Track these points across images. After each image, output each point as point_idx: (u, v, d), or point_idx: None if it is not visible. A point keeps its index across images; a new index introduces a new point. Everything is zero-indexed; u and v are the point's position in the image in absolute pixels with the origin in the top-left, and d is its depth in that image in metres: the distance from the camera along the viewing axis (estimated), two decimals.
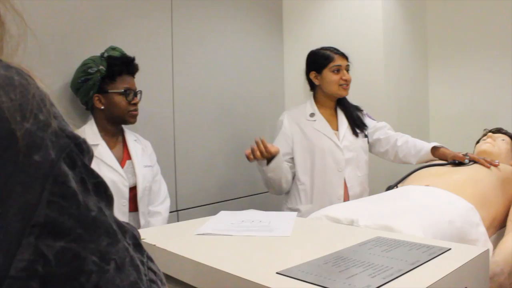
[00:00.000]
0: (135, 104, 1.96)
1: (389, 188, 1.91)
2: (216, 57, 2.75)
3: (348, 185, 2.27)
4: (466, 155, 1.94)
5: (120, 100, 1.91)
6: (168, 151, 2.45)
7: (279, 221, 1.29)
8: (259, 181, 3.05)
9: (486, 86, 3.36)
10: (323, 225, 1.30)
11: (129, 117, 1.95)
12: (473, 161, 1.88)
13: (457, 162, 1.93)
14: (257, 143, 2.12)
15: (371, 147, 2.43)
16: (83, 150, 0.37)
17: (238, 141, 2.90)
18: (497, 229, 1.62)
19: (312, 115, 2.37)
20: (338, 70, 2.31)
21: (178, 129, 2.50)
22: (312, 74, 2.38)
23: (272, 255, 0.97)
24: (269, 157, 2.16)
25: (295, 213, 1.41)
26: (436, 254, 0.92)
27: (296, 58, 3.29)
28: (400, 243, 1.01)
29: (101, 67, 1.86)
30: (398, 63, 3.12)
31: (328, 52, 2.35)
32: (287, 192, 2.41)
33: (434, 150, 2.14)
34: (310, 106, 2.41)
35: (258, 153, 2.11)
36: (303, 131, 2.34)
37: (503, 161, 1.92)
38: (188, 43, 2.58)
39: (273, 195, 2.81)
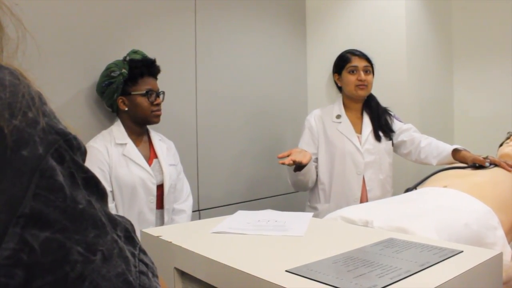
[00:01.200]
0: (158, 105, 2.01)
1: (408, 190, 1.90)
2: (239, 58, 2.78)
3: (368, 188, 2.31)
4: (486, 158, 1.92)
5: (143, 101, 1.96)
6: (191, 151, 2.49)
7: (294, 221, 1.31)
8: (280, 182, 3.08)
9: (511, 89, 3.30)
10: (338, 225, 1.32)
11: (153, 117, 2.00)
12: (494, 164, 1.87)
13: (478, 165, 1.92)
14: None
15: (396, 148, 2.45)
16: (72, 146, 0.39)
17: (260, 142, 2.93)
18: None
19: (338, 116, 2.41)
20: (354, 71, 2.35)
21: (200, 129, 2.54)
22: (336, 76, 2.46)
23: (283, 253, 0.99)
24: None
25: (311, 213, 1.43)
26: (447, 256, 0.92)
27: (319, 59, 3.30)
28: (412, 244, 1.02)
29: (123, 70, 1.92)
30: (422, 63, 3.10)
31: (346, 54, 2.42)
32: (310, 190, 2.46)
33: (455, 152, 2.14)
34: (338, 107, 2.45)
35: (291, 162, 2.12)
36: (327, 133, 2.39)
37: None
38: (211, 44, 2.62)
39: (294, 197, 2.83)
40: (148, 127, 2.09)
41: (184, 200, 2.14)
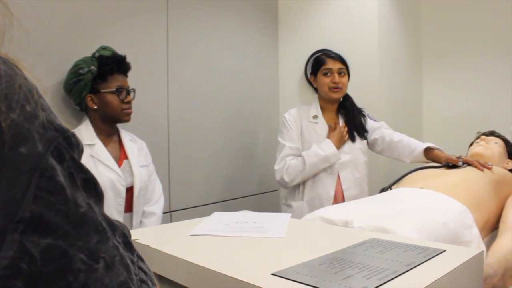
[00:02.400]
0: (129, 103, 1.95)
1: (383, 190, 1.91)
2: (211, 57, 2.75)
3: (343, 187, 2.33)
4: (460, 157, 1.95)
5: (113, 99, 1.90)
6: (162, 151, 2.44)
7: (273, 222, 1.29)
8: (253, 182, 3.06)
9: (479, 88, 3.38)
10: (318, 226, 1.30)
11: (123, 116, 1.94)
12: (467, 163, 1.89)
13: (451, 165, 1.94)
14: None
15: (370, 147, 2.48)
16: (72, 144, 0.36)
17: (232, 142, 2.90)
18: (490, 231, 1.62)
19: (315, 117, 2.44)
20: (328, 73, 2.37)
21: (172, 128, 2.49)
22: (312, 78, 2.49)
23: (266, 256, 0.97)
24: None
25: (289, 214, 1.41)
26: (431, 256, 0.92)
27: (291, 59, 3.30)
28: (395, 244, 1.01)
29: (92, 67, 1.86)
30: (393, 64, 3.13)
31: (321, 56, 2.44)
32: (289, 188, 2.49)
33: (428, 151, 2.18)
34: (314, 108, 2.48)
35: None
36: (304, 132, 2.42)
37: (496, 164, 1.93)
38: (184, 42, 2.57)
39: (267, 197, 2.82)
40: (119, 126, 2.03)
41: (155, 202, 2.08)
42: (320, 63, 2.40)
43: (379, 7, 2.94)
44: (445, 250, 0.96)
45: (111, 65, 1.90)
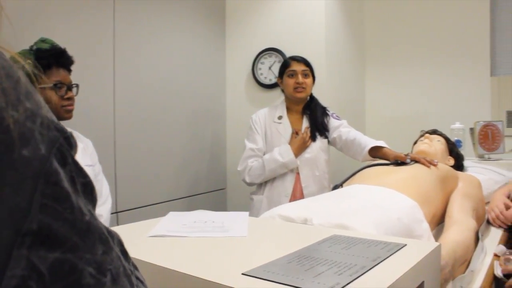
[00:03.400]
0: (69, 99, 1.84)
1: (335, 187, 1.94)
2: (158, 54, 2.70)
3: (303, 184, 2.45)
4: (407, 155, 2.03)
5: (51, 95, 1.78)
6: (108, 150, 2.37)
7: (233, 221, 1.28)
8: (199, 181, 3.03)
9: (420, 89, 3.53)
10: (277, 224, 1.30)
11: (63, 113, 1.83)
12: (414, 160, 1.96)
13: (399, 162, 2.01)
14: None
15: (331, 145, 2.60)
16: (71, 145, 0.33)
17: (179, 139, 2.86)
18: (436, 225, 1.69)
19: (280, 117, 2.54)
20: (293, 74, 2.47)
21: (119, 126, 2.42)
22: (279, 80, 2.58)
23: (233, 255, 0.95)
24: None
25: (247, 213, 1.40)
26: (394, 250, 0.94)
27: (238, 58, 3.30)
28: (357, 240, 1.03)
29: (28, 61, 1.75)
30: (338, 64, 3.20)
31: (287, 59, 2.57)
32: None
33: (377, 149, 2.26)
34: (280, 109, 2.58)
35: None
36: (267, 132, 2.52)
37: (440, 161, 2.01)
38: (131, 39, 2.51)
39: (214, 196, 2.80)
40: (62, 124, 1.93)
41: (102, 203, 2.01)
42: (285, 66, 2.52)
43: (326, 8, 2.99)
44: (406, 245, 0.99)
45: (49, 58, 1.78)
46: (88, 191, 0.34)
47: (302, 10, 3.04)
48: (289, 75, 2.48)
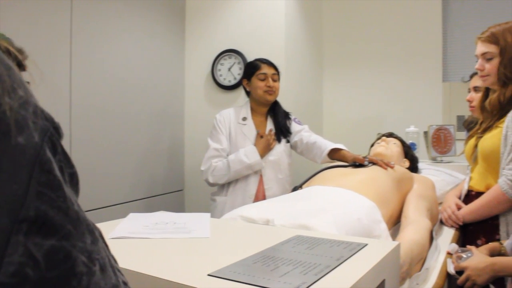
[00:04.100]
0: None
1: (295, 188, 1.96)
2: (116, 54, 2.65)
3: (266, 186, 2.47)
4: (365, 157, 2.08)
5: None
6: None
7: (194, 222, 1.27)
8: (156, 183, 2.99)
9: (376, 93, 3.61)
10: (240, 225, 1.30)
11: None
12: (372, 162, 2.01)
13: (358, 164, 2.06)
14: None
15: (293, 149, 2.63)
16: (60, 135, 0.33)
17: (136, 140, 2.81)
18: (393, 225, 1.73)
19: (244, 119, 2.54)
20: (264, 78, 2.48)
21: (75, 126, 2.36)
22: (245, 82, 2.58)
23: (197, 256, 0.95)
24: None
25: (208, 214, 1.39)
26: (356, 250, 0.96)
27: (197, 59, 3.28)
28: (320, 240, 1.04)
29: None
30: (298, 68, 3.24)
31: (256, 62, 2.55)
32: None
33: (336, 151, 2.31)
34: (245, 110, 2.58)
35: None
36: (232, 133, 2.51)
37: (396, 163, 2.07)
38: (88, 40, 2.45)
39: (171, 197, 2.79)
40: None
41: None
42: (255, 68, 2.51)
43: (286, 10, 3.02)
44: (367, 244, 1.01)
45: None
46: (74, 181, 0.34)
47: (262, 11, 3.06)
48: (259, 78, 2.49)
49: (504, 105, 1.85)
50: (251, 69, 2.54)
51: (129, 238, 1.08)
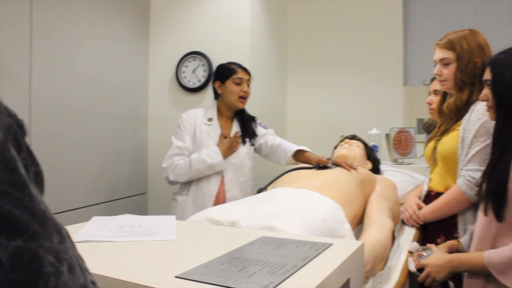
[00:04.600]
0: None
1: (260, 190, 1.97)
2: (78, 55, 2.60)
3: (226, 188, 2.45)
4: (329, 159, 2.11)
5: None
6: None
7: (160, 225, 1.26)
8: (121, 185, 2.95)
9: (338, 95, 3.67)
10: (205, 227, 1.30)
11: None
12: (335, 164, 2.04)
13: (321, 166, 2.09)
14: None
15: (257, 152, 2.64)
16: (24, 133, 0.32)
17: (99, 143, 2.77)
18: (357, 225, 1.76)
19: (210, 120, 2.53)
20: (240, 83, 2.48)
21: (35, 128, 2.30)
22: (217, 84, 2.55)
23: (164, 259, 0.94)
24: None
25: (174, 216, 1.39)
26: (322, 250, 0.98)
27: (162, 59, 3.25)
28: (286, 241, 1.05)
29: None
30: (262, 70, 3.26)
31: (232, 65, 2.53)
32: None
33: (300, 154, 2.33)
34: (211, 111, 2.57)
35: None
36: (196, 133, 2.50)
37: (359, 164, 2.11)
38: (49, 39, 2.40)
39: (133, 200, 2.77)
40: None
41: None
42: (231, 71, 2.50)
43: (252, 12, 3.04)
44: (332, 244, 1.03)
45: None
46: (39, 180, 0.34)
47: (227, 14, 3.06)
48: (235, 82, 2.48)
49: (461, 108, 1.92)
50: (227, 72, 2.52)
51: (94, 241, 1.07)
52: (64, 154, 2.50)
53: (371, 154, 2.41)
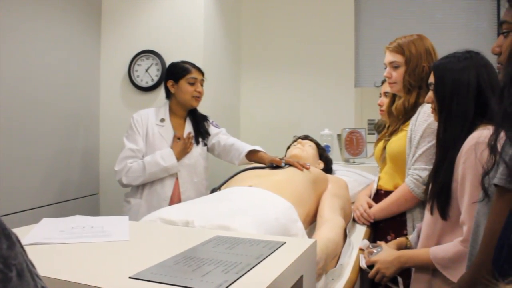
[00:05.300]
0: None
1: (214, 190, 1.98)
2: (26, 54, 2.51)
3: (181, 189, 2.44)
4: (282, 159, 2.14)
5: None
6: None
7: (112, 225, 1.24)
8: (72, 186, 2.88)
9: (291, 96, 3.72)
10: (159, 227, 1.29)
11: None
12: (288, 164, 2.07)
13: (275, 165, 2.11)
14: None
15: (210, 152, 2.62)
16: None
17: (49, 143, 2.69)
18: (309, 224, 1.80)
19: (162, 120, 2.49)
20: (194, 83, 2.46)
21: None
22: (170, 83, 2.50)
23: (117, 260, 0.93)
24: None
25: (127, 217, 1.37)
26: (276, 248, 0.99)
27: (114, 58, 3.19)
28: (239, 240, 1.06)
29: None
30: (216, 69, 3.26)
31: (186, 65, 2.50)
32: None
33: (254, 153, 2.35)
34: (163, 112, 2.52)
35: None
36: (149, 134, 2.45)
37: (311, 164, 2.15)
38: None
39: (86, 201, 2.71)
40: None
41: None
42: (185, 71, 2.47)
43: (206, 10, 3.03)
44: (285, 242, 1.05)
45: None
46: None
47: (181, 12, 3.04)
48: (189, 81, 2.45)
49: (409, 110, 1.99)
50: (181, 71, 2.48)
51: (44, 244, 1.04)
52: (10, 153, 2.41)
53: (323, 154, 2.46)
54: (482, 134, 1.30)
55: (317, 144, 2.47)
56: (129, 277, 0.79)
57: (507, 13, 1.08)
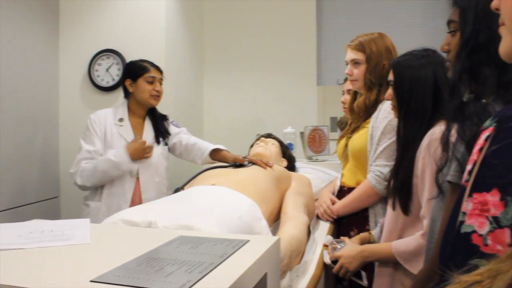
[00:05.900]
0: None
1: (177, 190, 1.96)
2: None
3: (142, 190, 2.39)
4: (245, 157, 2.14)
5: None
6: None
7: (73, 228, 1.21)
8: (31, 189, 2.80)
9: (254, 94, 3.74)
10: (121, 229, 1.28)
11: None
12: (252, 162, 2.08)
13: (238, 164, 2.11)
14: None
15: (171, 151, 2.58)
16: None
17: (5, 146, 2.60)
18: (273, 221, 1.81)
19: (121, 120, 2.44)
20: (152, 81, 2.42)
21: None
22: (128, 82, 2.45)
23: (78, 264, 0.91)
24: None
25: (88, 219, 1.34)
26: (239, 246, 0.99)
27: (73, 58, 3.13)
28: (203, 239, 1.06)
29: None
30: (178, 68, 3.23)
31: (144, 64, 2.46)
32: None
33: (216, 152, 2.34)
34: (122, 111, 2.47)
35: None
36: (107, 134, 2.39)
37: (274, 162, 2.16)
38: None
39: (46, 204, 2.64)
40: None
41: None
42: (143, 70, 2.43)
43: (167, 9, 3.01)
44: (249, 240, 1.05)
45: None
46: None
47: (142, 11, 3.01)
48: (148, 80, 2.41)
49: (370, 107, 2.03)
50: (139, 70, 2.44)
51: (1, 250, 1.01)
52: None
53: (286, 152, 2.48)
54: (435, 131, 1.33)
55: (280, 142, 2.49)
56: (91, 281, 0.77)
57: (454, 12, 1.12)
